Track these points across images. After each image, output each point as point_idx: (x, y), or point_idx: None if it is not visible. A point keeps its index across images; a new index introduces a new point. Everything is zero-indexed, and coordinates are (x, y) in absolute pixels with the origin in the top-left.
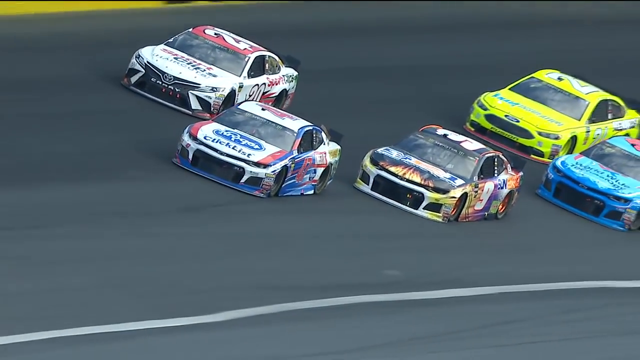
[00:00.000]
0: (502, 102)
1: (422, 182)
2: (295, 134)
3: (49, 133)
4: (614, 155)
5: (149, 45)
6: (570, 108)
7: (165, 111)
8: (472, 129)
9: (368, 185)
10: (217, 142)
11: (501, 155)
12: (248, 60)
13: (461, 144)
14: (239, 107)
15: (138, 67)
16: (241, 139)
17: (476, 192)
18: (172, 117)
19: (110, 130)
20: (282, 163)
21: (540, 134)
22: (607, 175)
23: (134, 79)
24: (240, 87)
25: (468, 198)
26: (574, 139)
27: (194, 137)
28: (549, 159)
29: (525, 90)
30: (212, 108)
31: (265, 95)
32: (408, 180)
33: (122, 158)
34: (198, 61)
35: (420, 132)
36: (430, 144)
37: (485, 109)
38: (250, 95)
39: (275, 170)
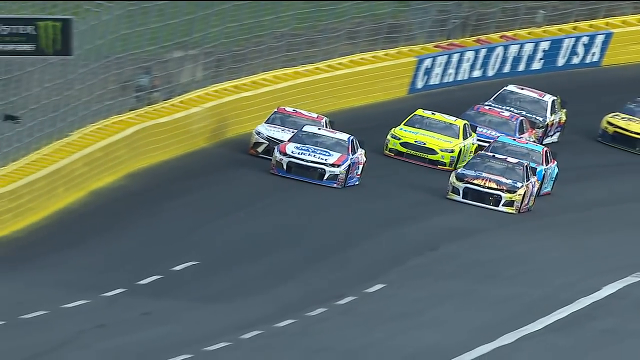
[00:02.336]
0: (407, 133)
1: (498, 187)
2: (346, 142)
3: None
4: (505, 150)
5: (264, 123)
6: (450, 131)
7: None
8: (392, 154)
9: (459, 195)
10: (301, 154)
11: (529, 165)
12: (324, 123)
13: (507, 159)
14: (302, 130)
15: (261, 140)
16: (315, 150)
17: (526, 191)
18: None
19: None
20: (348, 163)
21: (442, 150)
22: None
23: (260, 149)
24: None
25: (525, 195)
26: (460, 151)
27: (284, 153)
28: (449, 166)
29: (416, 124)
30: None
31: None
32: (488, 188)
33: None
34: (294, 129)
35: (478, 155)
36: (488, 162)
37: (399, 139)
38: None
39: (345, 168)
